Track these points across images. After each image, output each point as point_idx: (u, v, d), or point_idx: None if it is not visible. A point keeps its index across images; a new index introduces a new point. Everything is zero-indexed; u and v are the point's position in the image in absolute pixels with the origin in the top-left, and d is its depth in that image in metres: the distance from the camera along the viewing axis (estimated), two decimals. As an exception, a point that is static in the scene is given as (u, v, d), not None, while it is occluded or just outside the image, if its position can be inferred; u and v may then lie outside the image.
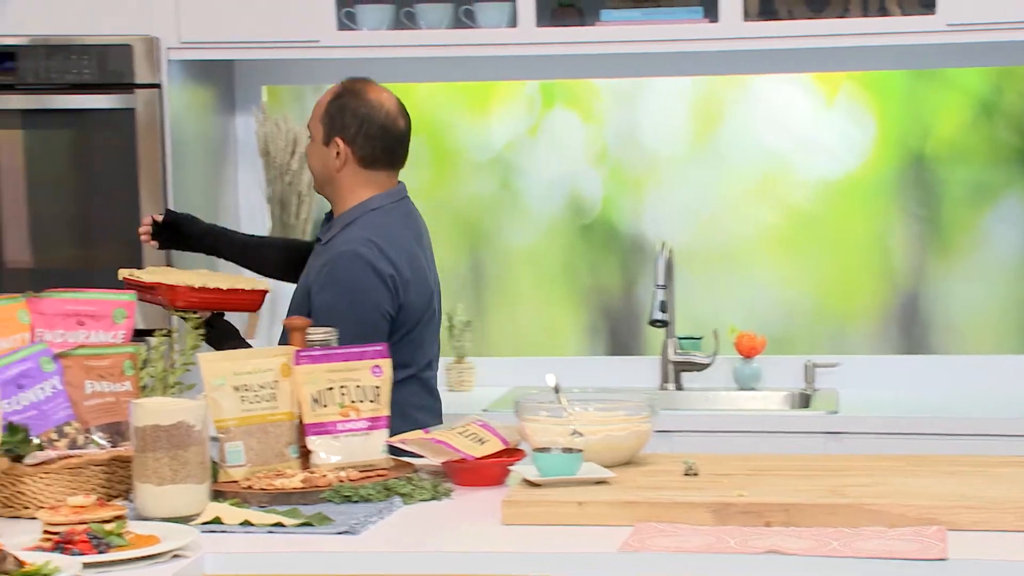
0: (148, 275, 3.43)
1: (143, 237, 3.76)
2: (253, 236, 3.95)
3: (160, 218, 3.77)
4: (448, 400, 4.45)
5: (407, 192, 3.68)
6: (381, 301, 3.49)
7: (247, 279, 3.53)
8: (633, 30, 4.19)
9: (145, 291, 3.35)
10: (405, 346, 3.51)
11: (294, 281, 3.75)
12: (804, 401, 4.40)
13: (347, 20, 4.27)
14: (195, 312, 3.38)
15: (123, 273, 3.49)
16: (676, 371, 4.51)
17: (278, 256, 3.88)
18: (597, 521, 2.62)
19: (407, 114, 3.64)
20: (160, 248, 3.79)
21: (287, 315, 3.59)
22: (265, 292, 3.53)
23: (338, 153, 3.58)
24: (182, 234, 3.76)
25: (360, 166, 3.59)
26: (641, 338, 4.65)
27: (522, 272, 4.70)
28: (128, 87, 4.15)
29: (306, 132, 4.48)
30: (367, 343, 3.08)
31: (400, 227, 3.61)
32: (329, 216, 3.68)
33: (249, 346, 3.40)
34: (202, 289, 3.30)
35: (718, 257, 4.62)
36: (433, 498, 2.83)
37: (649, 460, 2.97)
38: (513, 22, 4.22)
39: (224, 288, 3.30)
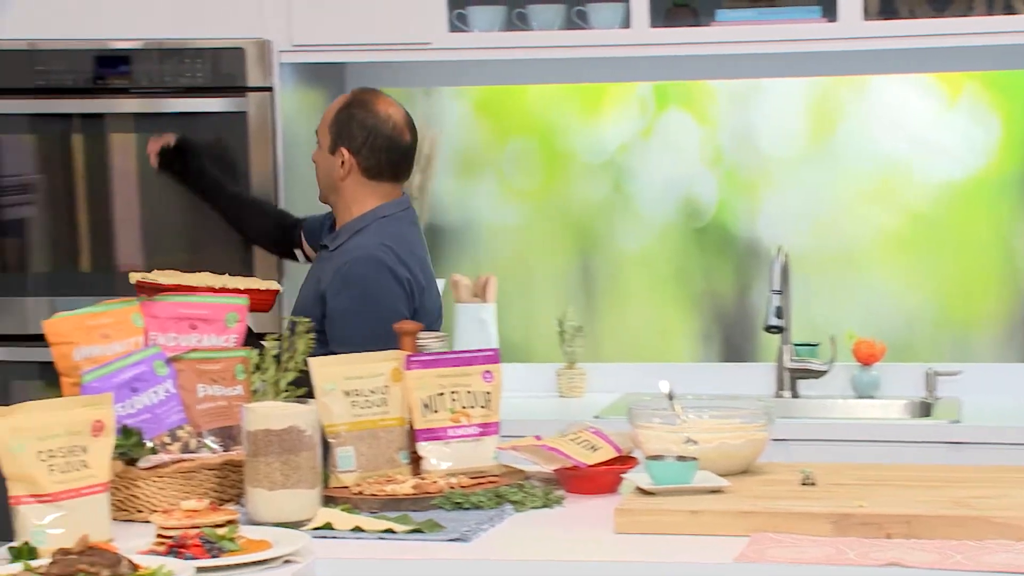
0: (165, 277, 3.32)
1: (152, 151, 4.01)
2: (246, 194, 4.12)
3: (173, 143, 3.99)
4: (559, 406, 4.48)
5: (411, 203, 3.75)
6: (399, 304, 3.54)
7: (259, 280, 3.50)
8: (749, 30, 4.15)
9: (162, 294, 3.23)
10: None
11: (269, 249, 4.02)
12: (925, 410, 4.33)
13: (459, 22, 4.28)
14: None
15: (136, 277, 3.32)
16: (792, 378, 4.47)
17: (263, 223, 4.05)
18: (712, 531, 2.60)
19: (414, 128, 3.73)
20: (159, 170, 4.04)
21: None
22: (277, 292, 3.52)
23: (343, 163, 3.66)
24: (184, 163, 3.99)
25: (364, 177, 3.67)
26: (756, 344, 4.61)
27: (634, 276, 4.68)
28: (240, 90, 4.20)
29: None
30: (383, 347, 3.07)
31: (411, 234, 3.66)
32: (332, 225, 3.75)
33: (260, 344, 3.42)
34: (222, 290, 3.29)
35: (835, 261, 4.57)
36: (544, 506, 2.83)
37: (765, 469, 2.95)
38: (627, 23, 4.21)
39: (242, 288, 3.31)
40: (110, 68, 4.23)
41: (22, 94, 4.26)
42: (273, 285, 3.50)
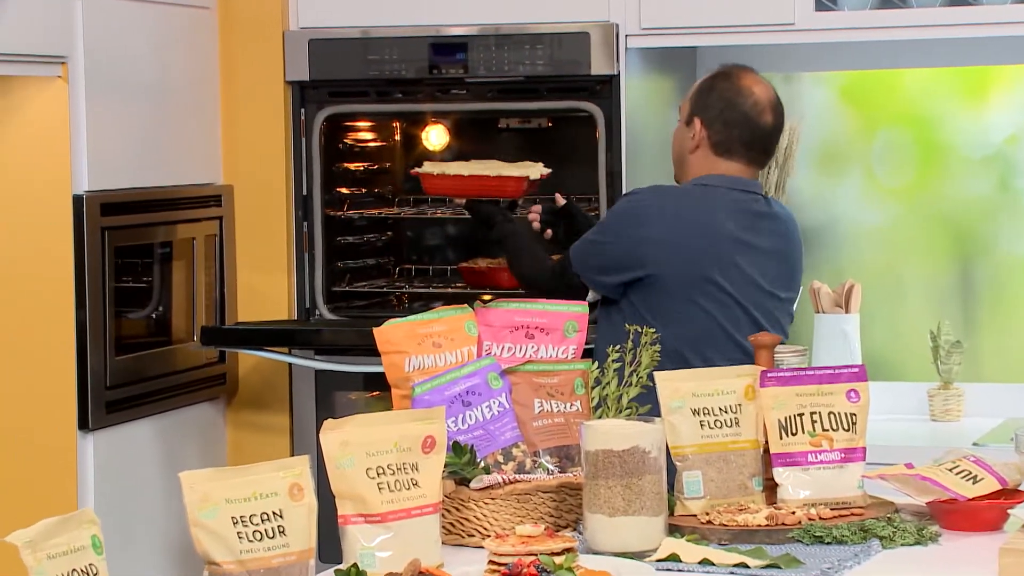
0: (437, 167, 3.61)
1: (533, 221, 3.93)
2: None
3: (561, 202, 3.94)
4: (932, 430, 4.39)
5: (762, 191, 3.72)
6: (624, 239, 3.59)
7: (530, 165, 3.54)
8: None
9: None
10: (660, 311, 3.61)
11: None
12: None
13: (826, 0, 4.24)
14: (449, 199, 3.46)
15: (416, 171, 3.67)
16: None
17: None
18: (1114, 580, 2.50)
19: (781, 112, 3.71)
20: (551, 238, 3.93)
21: None
22: (524, 179, 3.50)
23: (694, 135, 3.70)
24: (573, 227, 3.91)
25: (713, 152, 3.69)
26: None
27: (1021, 286, 4.55)
28: (583, 79, 4.25)
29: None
30: (582, 272, 3.18)
31: (704, 200, 3.64)
32: None
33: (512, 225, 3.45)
34: (441, 176, 3.34)
35: None
36: (917, 542, 2.78)
37: None
38: (1020, -3, 4.10)
39: (465, 175, 3.35)
40: (445, 56, 4.34)
41: (356, 84, 4.42)
42: (519, 172, 3.51)
